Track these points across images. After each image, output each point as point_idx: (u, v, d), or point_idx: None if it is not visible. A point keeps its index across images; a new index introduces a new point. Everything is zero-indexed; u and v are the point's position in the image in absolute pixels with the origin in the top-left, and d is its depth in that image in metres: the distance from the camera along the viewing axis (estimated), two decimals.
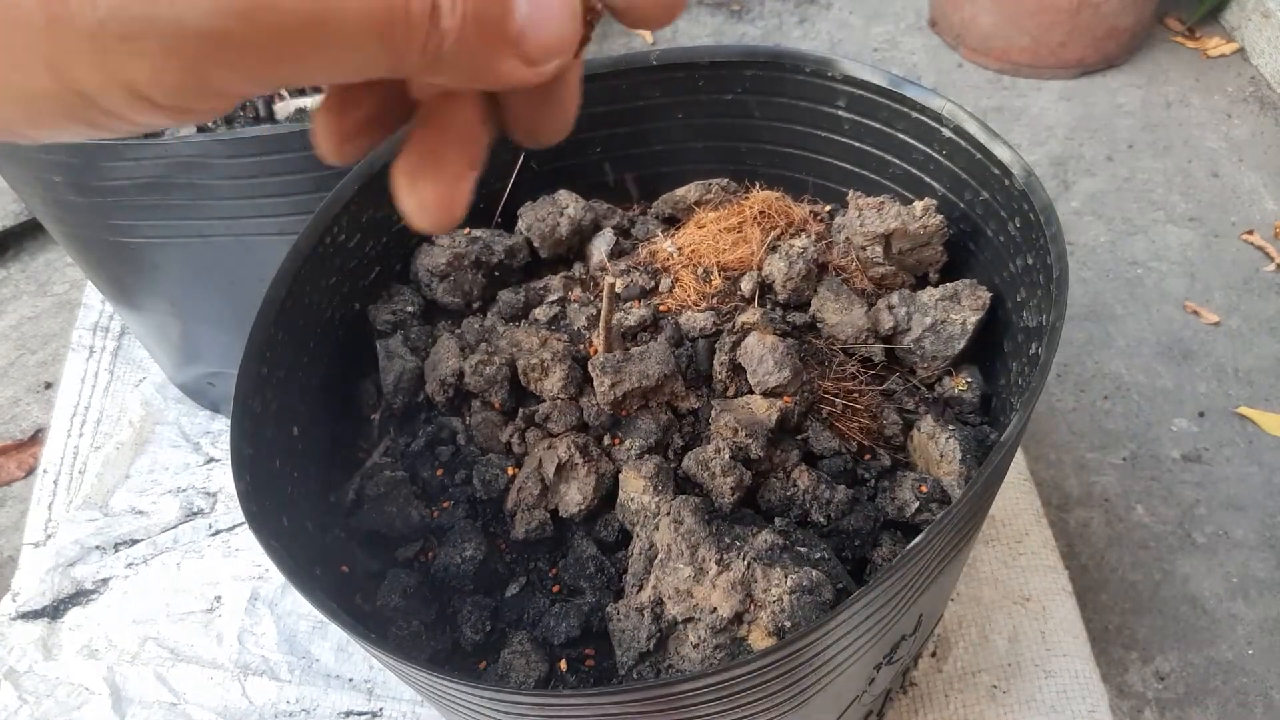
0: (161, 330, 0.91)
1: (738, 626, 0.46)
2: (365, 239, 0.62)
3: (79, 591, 0.85)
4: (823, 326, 0.59)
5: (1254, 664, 1.08)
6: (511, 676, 0.49)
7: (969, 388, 0.59)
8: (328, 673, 0.78)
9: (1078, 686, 0.72)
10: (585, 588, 0.52)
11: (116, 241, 0.77)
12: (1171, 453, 1.28)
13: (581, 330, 0.59)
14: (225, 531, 0.89)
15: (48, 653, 0.81)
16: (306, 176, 0.69)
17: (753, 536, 0.48)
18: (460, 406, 0.59)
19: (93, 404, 1.02)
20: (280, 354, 0.54)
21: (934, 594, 0.54)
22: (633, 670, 0.48)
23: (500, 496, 0.55)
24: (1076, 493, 1.25)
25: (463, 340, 0.60)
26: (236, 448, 0.47)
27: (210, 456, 0.97)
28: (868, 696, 0.57)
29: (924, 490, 0.52)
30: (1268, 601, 1.13)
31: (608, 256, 0.66)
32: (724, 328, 0.58)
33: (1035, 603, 0.77)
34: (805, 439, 0.55)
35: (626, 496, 0.52)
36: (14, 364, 1.49)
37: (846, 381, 0.57)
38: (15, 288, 1.63)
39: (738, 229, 0.64)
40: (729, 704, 0.40)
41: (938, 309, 0.58)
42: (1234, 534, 1.19)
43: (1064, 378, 1.38)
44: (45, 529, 0.91)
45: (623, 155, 0.71)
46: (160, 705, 0.77)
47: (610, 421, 0.55)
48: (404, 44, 0.22)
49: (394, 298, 0.64)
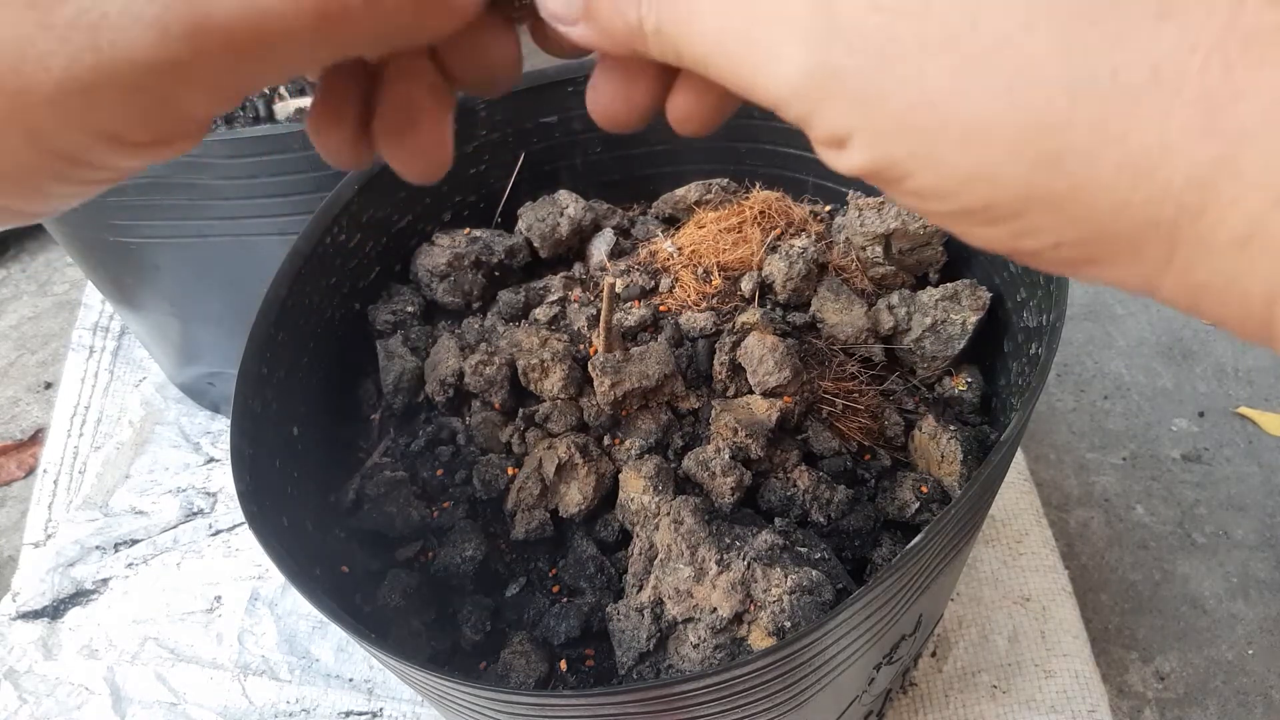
0: (161, 330, 0.91)
1: (738, 626, 0.46)
2: (365, 239, 0.62)
3: (79, 591, 0.85)
4: (823, 326, 0.59)
5: (1254, 664, 1.08)
6: (511, 676, 0.49)
7: (969, 388, 0.59)
8: (328, 673, 0.78)
9: (1078, 686, 0.72)
10: (585, 588, 0.52)
11: (116, 241, 0.77)
12: (1171, 453, 1.28)
13: (581, 330, 0.59)
14: (225, 531, 0.89)
15: (48, 653, 0.81)
16: (306, 176, 0.69)
17: (753, 536, 0.48)
18: (460, 406, 0.59)
19: (93, 404, 1.02)
20: (280, 354, 0.54)
21: (934, 594, 0.54)
22: (633, 670, 0.48)
23: (500, 496, 0.55)
24: (1076, 493, 1.25)
25: (463, 340, 0.60)
26: (236, 448, 0.47)
27: (210, 456, 0.97)
28: (868, 696, 0.57)
29: (924, 491, 0.52)
30: (1268, 601, 1.13)
31: (608, 256, 0.66)
32: (724, 328, 0.58)
33: (1035, 603, 0.77)
34: (805, 439, 0.55)
35: (626, 496, 0.52)
36: (14, 364, 1.49)
37: (846, 381, 0.57)
38: (15, 288, 1.63)
39: (738, 229, 0.64)
40: (729, 704, 0.40)
41: (938, 309, 0.58)
42: (1234, 534, 1.19)
43: (1064, 378, 1.37)
44: (45, 529, 0.91)
45: (623, 155, 0.71)
46: (160, 705, 0.77)
47: (610, 421, 0.55)
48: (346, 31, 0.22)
49: (394, 298, 0.64)
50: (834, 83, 0.20)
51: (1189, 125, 0.17)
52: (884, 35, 0.19)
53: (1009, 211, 0.19)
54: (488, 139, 0.66)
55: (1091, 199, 0.18)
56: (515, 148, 0.68)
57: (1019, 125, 0.18)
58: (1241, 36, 0.16)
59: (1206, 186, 0.17)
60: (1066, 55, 0.18)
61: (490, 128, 0.66)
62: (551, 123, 0.68)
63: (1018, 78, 0.18)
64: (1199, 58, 0.17)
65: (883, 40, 0.19)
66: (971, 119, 0.18)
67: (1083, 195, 0.18)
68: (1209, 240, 0.18)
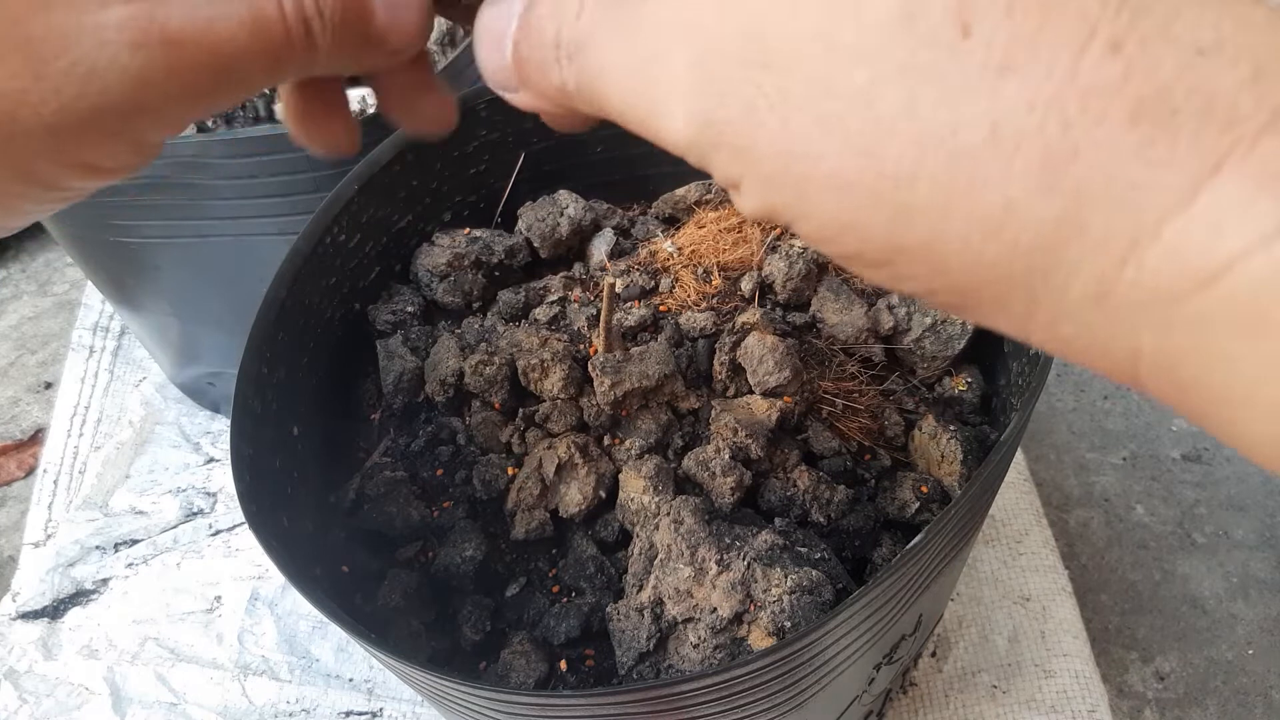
0: (161, 330, 0.91)
1: (738, 626, 0.46)
2: (365, 239, 0.62)
3: (79, 591, 0.85)
4: (823, 326, 0.59)
5: (1254, 664, 1.08)
6: (511, 676, 0.49)
7: (969, 388, 0.59)
8: (328, 673, 0.78)
9: (1078, 686, 0.72)
10: (585, 588, 0.52)
11: (116, 241, 0.77)
12: (1171, 453, 1.28)
13: (581, 330, 0.59)
14: (225, 531, 0.89)
15: (48, 653, 0.81)
16: (306, 176, 0.69)
17: (753, 536, 0.48)
18: (460, 406, 0.59)
19: (93, 404, 1.02)
20: (280, 354, 0.54)
21: (934, 594, 0.54)
22: (633, 670, 0.48)
23: (500, 496, 0.55)
24: (1076, 493, 1.25)
25: (463, 340, 0.60)
26: (236, 448, 0.47)
27: (210, 456, 0.97)
28: (867, 696, 0.57)
29: (924, 491, 0.52)
30: (1268, 601, 1.13)
31: (608, 256, 0.66)
32: (724, 328, 0.58)
33: (1035, 603, 0.77)
34: (805, 439, 0.55)
35: (626, 496, 0.52)
36: (14, 364, 1.50)
37: (846, 381, 0.57)
38: (15, 288, 1.63)
39: (738, 229, 0.64)
40: (729, 704, 0.40)
41: (938, 309, 0.58)
42: (1234, 534, 1.19)
43: (1064, 378, 1.38)
44: (45, 529, 0.91)
45: (623, 155, 0.71)
46: (160, 705, 0.77)
47: (610, 421, 0.55)
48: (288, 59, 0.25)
49: (394, 298, 0.64)
50: (714, 135, 0.21)
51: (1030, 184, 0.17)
52: (753, 90, 0.20)
53: (880, 259, 0.20)
54: (488, 139, 0.66)
55: (945, 253, 0.19)
56: (515, 148, 0.68)
57: (874, 179, 0.19)
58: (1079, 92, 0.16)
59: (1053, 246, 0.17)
60: (911, 112, 0.18)
61: (490, 128, 0.66)
62: None
63: (869, 134, 0.18)
64: (1037, 116, 0.17)
65: (754, 96, 0.20)
66: (834, 172, 0.19)
67: (938, 249, 0.19)
68: (1064, 298, 0.18)
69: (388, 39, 0.27)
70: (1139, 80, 0.16)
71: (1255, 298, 0.16)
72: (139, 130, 0.25)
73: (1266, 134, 0.16)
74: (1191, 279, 0.16)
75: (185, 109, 0.25)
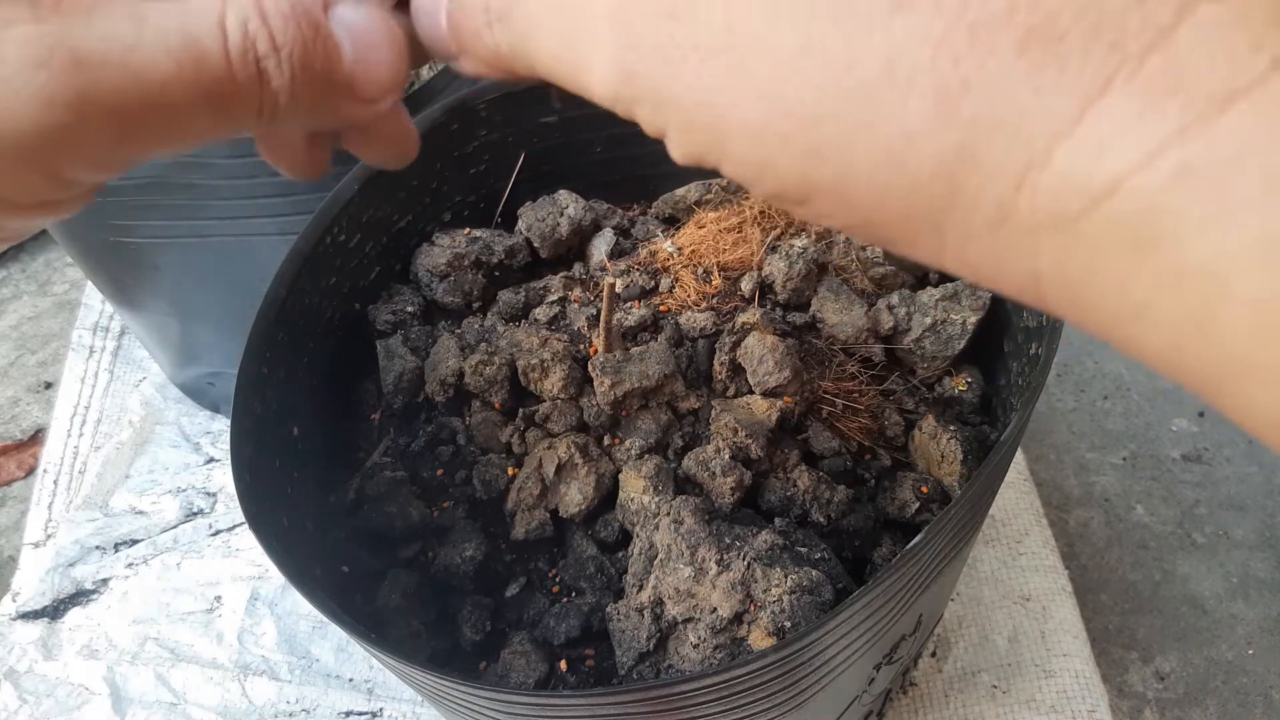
0: (161, 330, 0.91)
1: (738, 626, 0.46)
2: (365, 239, 0.62)
3: (79, 591, 0.85)
4: (823, 326, 0.59)
5: (1254, 664, 1.08)
6: (511, 676, 0.49)
7: (969, 388, 0.59)
8: (328, 673, 0.78)
9: (1078, 686, 0.72)
10: (585, 588, 0.52)
11: (116, 241, 0.77)
12: (1171, 453, 1.28)
13: (581, 330, 0.59)
14: (225, 531, 0.89)
15: (48, 653, 0.81)
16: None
17: (753, 536, 0.48)
18: (460, 406, 0.59)
19: (93, 404, 1.02)
20: (280, 354, 0.54)
21: (934, 594, 0.54)
22: (633, 670, 0.48)
23: (500, 496, 0.55)
24: (1076, 493, 1.25)
25: (463, 340, 0.60)
26: (236, 448, 0.47)
27: (210, 456, 0.97)
28: (867, 696, 0.57)
29: (924, 490, 0.52)
30: (1268, 601, 1.13)
31: (608, 256, 0.66)
32: (724, 328, 0.58)
33: (1035, 603, 0.77)
34: (805, 439, 0.55)
35: (626, 496, 0.52)
36: (14, 364, 1.50)
37: (846, 381, 0.57)
38: (15, 288, 1.63)
39: (738, 229, 0.64)
40: (729, 704, 0.40)
41: (938, 309, 0.58)
42: (1234, 534, 1.19)
43: (1064, 378, 1.38)
44: (45, 529, 0.91)
45: (623, 155, 0.71)
46: (160, 705, 0.77)
47: (610, 421, 0.55)
48: (239, 109, 0.23)
49: (394, 298, 0.64)
50: (636, 87, 0.21)
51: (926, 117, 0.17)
52: (667, 41, 0.20)
53: (799, 196, 0.21)
54: (488, 139, 0.66)
55: (855, 189, 0.19)
56: (515, 148, 0.68)
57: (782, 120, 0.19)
58: (968, 26, 0.17)
59: (954, 176, 0.18)
60: (807, 51, 0.18)
61: (490, 128, 0.66)
62: (551, 123, 0.68)
63: (772, 76, 0.19)
64: (929, 49, 0.17)
65: (667, 46, 0.20)
66: (745, 116, 0.20)
67: (848, 185, 0.19)
68: (968, 225, 0.18)
69: (358, 85, 0.25)
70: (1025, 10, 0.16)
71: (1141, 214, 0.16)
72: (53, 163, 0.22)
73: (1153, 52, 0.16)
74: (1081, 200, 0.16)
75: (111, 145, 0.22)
